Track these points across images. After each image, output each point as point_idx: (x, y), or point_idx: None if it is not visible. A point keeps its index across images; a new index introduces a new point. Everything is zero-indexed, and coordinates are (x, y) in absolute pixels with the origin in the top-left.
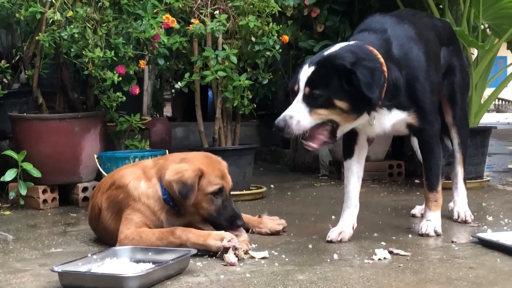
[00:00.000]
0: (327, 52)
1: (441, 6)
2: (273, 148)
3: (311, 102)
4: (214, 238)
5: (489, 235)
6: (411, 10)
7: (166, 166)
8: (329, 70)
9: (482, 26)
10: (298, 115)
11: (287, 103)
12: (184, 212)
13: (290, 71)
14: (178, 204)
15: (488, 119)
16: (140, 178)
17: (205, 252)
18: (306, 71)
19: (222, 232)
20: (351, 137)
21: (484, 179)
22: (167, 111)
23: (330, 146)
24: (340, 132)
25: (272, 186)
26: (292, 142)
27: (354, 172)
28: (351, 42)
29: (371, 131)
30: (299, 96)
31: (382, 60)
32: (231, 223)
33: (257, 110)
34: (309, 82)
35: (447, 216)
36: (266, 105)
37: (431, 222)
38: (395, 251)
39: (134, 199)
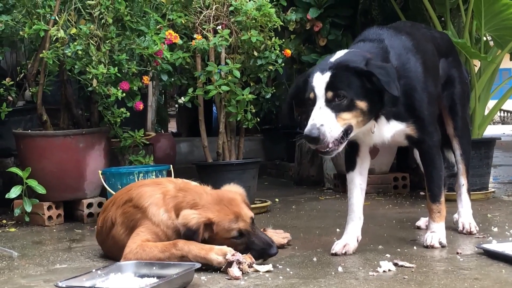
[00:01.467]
0: (332, 59)
1: (443, 18)
2: (278, 162)
3: (335, 106)
4: (216, 252)
5: (494, 246)
6: (409, 22)
7: (182, 206)
8: (347, 73)
9: (485, 38)
10: (329, 123)
11: (291, 117)
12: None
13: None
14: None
15: (493, 131)
16: (160, 206)
17: (208, 266)
18: (322, 78)
19: (224, 247)
20: (353, 149)
21: (489, 191)
22: (172, 126)
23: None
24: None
25: (276, 200)
26: (296, 156)
27: (357, 184)
28: (349, 50)
29: (371, 140)
30: (321, 103)
31: None
32: (261, 254)
33: (261, 125)
34: (331, 86)
35: (452, 227)
36: (270, 120)
37: (436, 233)
38: (400, 263)
39: (153, 223)
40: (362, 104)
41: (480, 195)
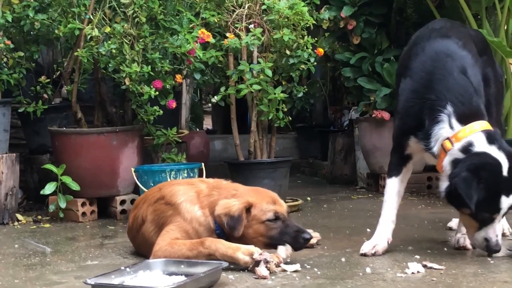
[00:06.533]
0: (504, 168)
1: (479, 17)
2: (311, 161)
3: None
4: (243, 252)
5: None
6: (449, 21)
7: (217, 203)
8: None
9: None
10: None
11: (325, 116)
12: (237, 242)
13: (328, 83)
14: (231, 237)
15: None
16: (194, 202)
17: (236, 264)
18: (508, 201)
19: (251, 247)
20: (402, 159)
21: None
22: (208, 123)
23: None
24: None
25: (308, 198)
26: (330, 154)
27: (397, 190)
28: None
29: (430, 160)
30: (499, 217)
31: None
32: (296, 239)
33: (295, 123)
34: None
35: None
36: (304, 118)
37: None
38: (429, 264)
39: (184, 220)
40: None
41: None
